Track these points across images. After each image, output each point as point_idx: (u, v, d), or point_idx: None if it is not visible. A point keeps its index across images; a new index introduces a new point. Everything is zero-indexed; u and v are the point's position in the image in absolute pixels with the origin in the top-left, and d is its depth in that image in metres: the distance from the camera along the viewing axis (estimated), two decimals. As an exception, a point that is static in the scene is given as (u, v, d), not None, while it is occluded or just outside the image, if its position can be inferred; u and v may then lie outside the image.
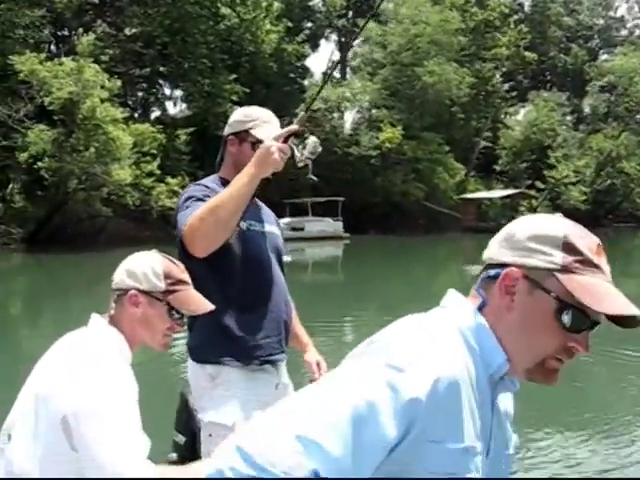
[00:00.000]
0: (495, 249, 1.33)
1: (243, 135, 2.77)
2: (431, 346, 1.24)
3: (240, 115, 2.84)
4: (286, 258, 3.02)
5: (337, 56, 58.29)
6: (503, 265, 1.29)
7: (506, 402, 1.43)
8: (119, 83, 29.96)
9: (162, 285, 2.14)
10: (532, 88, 60.62)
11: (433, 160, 45.13)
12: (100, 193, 28.45)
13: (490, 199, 49.11)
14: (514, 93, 55.49)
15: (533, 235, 1.28)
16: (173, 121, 39.32)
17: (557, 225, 1.29)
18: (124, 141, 28.16)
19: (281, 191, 39.00)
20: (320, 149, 2.68)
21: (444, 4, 47.04)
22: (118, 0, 36.69)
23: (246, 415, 2.52)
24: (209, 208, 2.51)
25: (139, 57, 36.70)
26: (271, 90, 43.16)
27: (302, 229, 36.34)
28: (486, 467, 1.30)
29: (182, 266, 2.25)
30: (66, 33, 38.87)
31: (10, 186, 29.24)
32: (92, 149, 27.77)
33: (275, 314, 2.76)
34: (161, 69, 39.00)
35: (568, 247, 1.26)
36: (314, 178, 2.86)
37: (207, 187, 2.72)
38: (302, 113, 2.75)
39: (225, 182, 2.68)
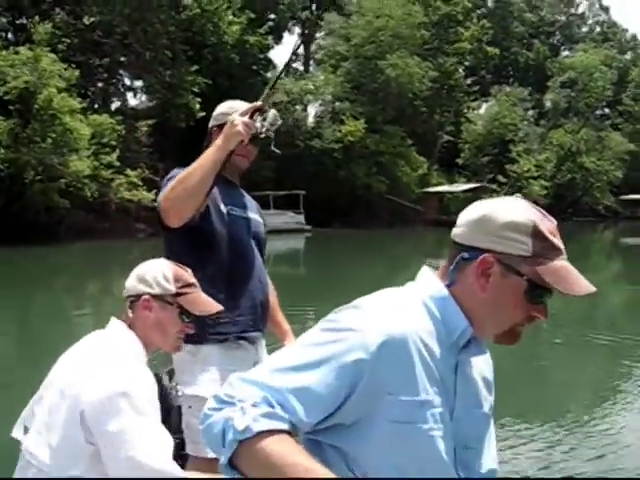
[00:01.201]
0: (468, 233, 1.47)
1: None
2: (390, 311, 1.44)
3: (224, 108, 3.00)
4: None
5: (301, 48, 58.09)
6: (477, 249, 1.45)
7: (480, 366, 1.60)
8: (77, 73, 29.40)
9: (172, 288, 2.26)
10: (494, 83, 61.20)
11: (395, 153, 45.11)
12: (58, 184, 27.87)
13: (452, 193, 49.33)
14: (476, 87, 55.75)
15: (505, 223, 1.43)
16: (134, 112, 38.75)
17: (525, 212, 1.44)
18: (82, 132, 27.67)
19: (242, 184, 38.77)
20: (280, 121, 2.86)
21: (408, -3, 47.10)
22: (77, -12, 35.99)
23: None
24: (179, 179, 2.69)
25: (99, 47, 36.08)
26: (234, 82, 42.74)
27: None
28: (456, 423, 1.48)
29: (190, 270, 2.40)
30: (24, 22, 38.03)
31: (-36, 177, 28.56)
32: (49, 140, 27.24)
33: (251, 294, 2.92)
34: (121, 59, 38.37)
35: (536, 234, 1.42)
36: (277, 151, 2.92)
37: None
38: (267, 91, 2.83)
39: None
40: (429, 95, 47.42)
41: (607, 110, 68.16)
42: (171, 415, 2.87)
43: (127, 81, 41.89)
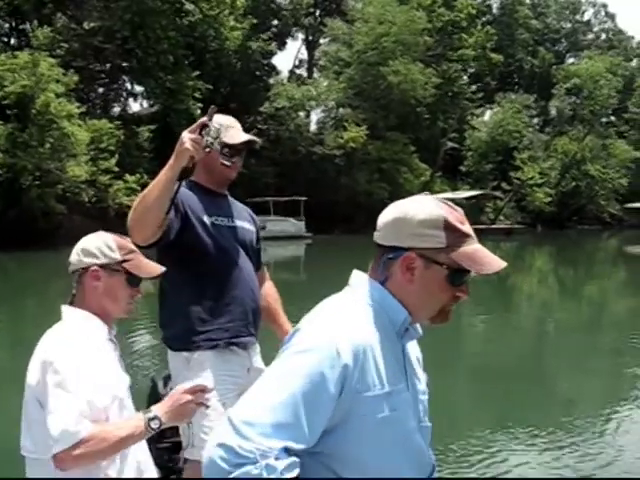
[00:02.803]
0: (388, 235, 1.66)
1: None
2: (346, 321, 1.59)
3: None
4: None
5: (304, 54, 58.02)
6: (399, 248, 1.63)
7: (414, 349, 1.81)
8: (76, 78, 29.34)
9: (118, 256, 2.38)
10: (499, 90, 60.81)
11: (398, 160, 44.91)
12: (55, 190, 27.79)
13: (454, 200, 48.62)
14: (481, 94, 55.48)
15: (420, 221, 1.61)
16: (134, 117, 38.71)
17: (435, 209, 1.63)
18: (80, 137, 27.59)
19: (243, 190, 38.58)
20: (223, 133, 2.96)
21: (411, 4, 46.81)
22: (78, -7, 35.98)
23: (218, 392, 2.79)
24: (139, 198, 2.78)
25: (100, 52, 36.03)
26: (235, 87, 42.77)
27: (264, 228, 35.55)
28: (411, 401, 1.67)
29: (128, 238, 2.52)
30: (27, 26, 38.03)
31: (-39, 182, 28.47)
32: (47, 145, 27.16)
33: (241, 301, 3.05)
34: (123, 64, 38.35)
35: (447, 227, 1.61)
36: (226, 163, 3.06)
37: None
38: (212, 107, 2.85)
39: (196, 184, 3.08)
40: (432, 102, 47.17)
41: (612, 118, 67.80)
42: None
43: (128, 86, 41.91)
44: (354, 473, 1.58)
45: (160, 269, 2.49)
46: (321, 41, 56.37)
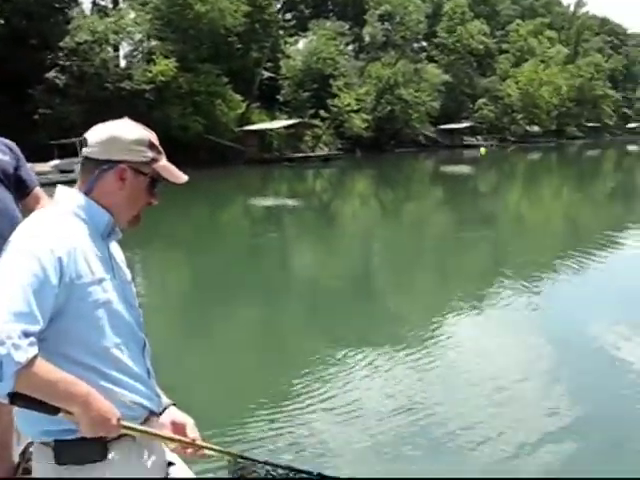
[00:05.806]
0: (103, 150, 2.01)
1: None
2: (57, 227, 1.92)
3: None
4: None
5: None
6: (113, 161, 2.01)
7: (118, 252, 2.19)
8: None
9: None
10: (313, 17, 60.87)
11: (212, 93, 43.88)
12: None
13: (272, 130, 49.07)
14: (294, 22, 55.26)
15: (131, 140, 2.02)
16: None
17: (141, 130, 2.06)
18: None
19: (48, 132, 36.62)
20: None
21: None
22: None
23: None
24: None
25: None
26: (32, 21, 40.07)
27: (72, 171, 34.33)
28: (119, 287, 2.05)
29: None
30: None
31: None
32: None
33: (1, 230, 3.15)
34: None
35: (151, 145, 2.06)
36: None
37: None
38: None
39: None
40: (244, 31, 46.38)
41: (424, 43, 70.00)
42: None
43: None
44: (79, 350, 1.92)
45: None
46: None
